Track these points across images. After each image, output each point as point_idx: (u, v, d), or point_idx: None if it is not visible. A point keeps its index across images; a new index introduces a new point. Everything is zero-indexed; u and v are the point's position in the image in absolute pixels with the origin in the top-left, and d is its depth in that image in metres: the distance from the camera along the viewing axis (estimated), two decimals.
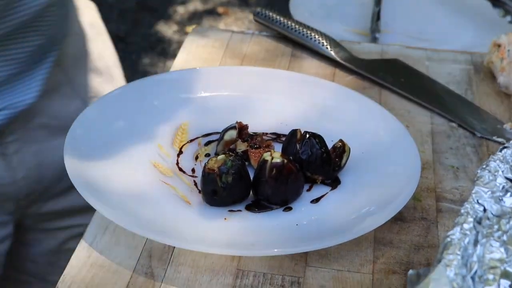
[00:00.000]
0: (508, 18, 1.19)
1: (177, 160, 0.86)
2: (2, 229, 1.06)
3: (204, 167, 0.79)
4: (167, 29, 3.27)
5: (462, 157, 0.91)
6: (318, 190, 0.83)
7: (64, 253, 1.11)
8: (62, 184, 1.08)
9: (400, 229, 0.80)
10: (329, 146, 0.85)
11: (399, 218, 0.81)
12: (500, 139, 0.93)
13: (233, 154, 0.80)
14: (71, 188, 1.06)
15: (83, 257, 0.74)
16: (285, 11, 1.22)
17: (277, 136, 0.91)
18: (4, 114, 0.97)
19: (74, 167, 0.79)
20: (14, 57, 0.97)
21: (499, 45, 1.04)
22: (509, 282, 0.56)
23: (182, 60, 1.07)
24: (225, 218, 0.78)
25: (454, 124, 0.97)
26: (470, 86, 1.05)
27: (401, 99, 1.01)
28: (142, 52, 3.10)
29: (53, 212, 1.12)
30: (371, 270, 0.75)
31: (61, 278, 0.72)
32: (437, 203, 0.84)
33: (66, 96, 1.08)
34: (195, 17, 3.38)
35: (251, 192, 0.81)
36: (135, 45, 3.13)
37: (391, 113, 0.92)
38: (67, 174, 0.77)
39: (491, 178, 0.60)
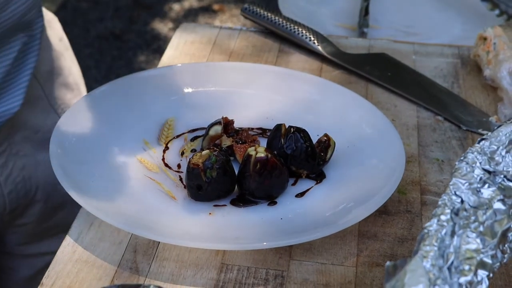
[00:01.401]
0: (496, 11, 1.20)
1: (163, 156, 0.87)
2: None
3: (189, 162, 0.79)
4: (163, 27, 3.27)
5: (448, 150, 0.91)
6: (303, 184, 0.83)
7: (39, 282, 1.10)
8: (49, 200, 1.08)
9: (384, 222, 0.80)
10: (315, 140, 0.85)
11: (383, 211, 0.81)
12: (485, 132, 0.93)
13: (218, 149, 0.81)
14: (56, 207, 1.05)
15: (68, 253, 0.75)
16: (275, 6, 1.23)
17: (263, 131, 0.91)
18: None
19: (59, 162, 0.79)
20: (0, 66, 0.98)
21: (485, 38, 1.04)
22: (486, 273, 0.57)
23: (169, 56, 1.08)
24: (210, 213, 0.78)
25: (440, 118, 0.97)
26: (457, 79, 1.06)
27: (387, 93, 1.02)
28: (138, 49, 3.10)
29: (34, 234, 1.11)
30: (354, 263, 0.75)
31: (46, 273, 0.72)
32: (421, 196, 0.84)
33: (44, 110, 1.08)
34: (191, 14, 3.39)
35: (236, 187, 0.81)
36: (131, 42, 3.13)
37: (376, 107, 0.92)
38: (53, 190, 0.77)
39: (468, 169, 0.60)
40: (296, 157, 0.83)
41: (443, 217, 0.57)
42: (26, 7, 0.97)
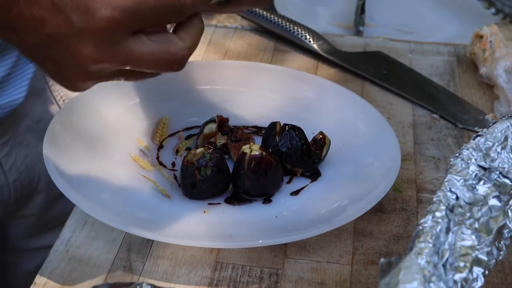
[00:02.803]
0: (493, 10, 1.19)
1: (158, 154, 0.86)
2: None
3: (183, 160, 0.79)
4: None
5: (443, 148, 0.91)
6: (298, 182, 0.83)
7: None
8: (51, 190, 1.08)
9: (380, 220, 0.80)
10: (311, 138, 0.85)
11: (379, 209, 0.81)
12: (482, 130, 0.93)
13: (212, 147, 0.80)
14: (57, 197, 1.04)
15: (61, 252, 0.74)
16: (271, 5, 1.22)
17: (258, 129, 0.91)
18: None
19: (52, 161, 0.79)
20: (7, 57, 0.97)
21: (481, 36, 1.04)
22: (481, 270, 0.56)
23: None
24: (204, 211, 0.78)
25: (436, 116, 0.97)
26: (453, 77, 1.05)
27: (383, 91, 1.02)
28: None
29: (37, 225, 1.11)
30: (350, 261, 0.75)
31: (38, 272, 0.72)
32: (417, 194, 0.84)
33: (46, 101, 1.09)
34: None
35: (230, 185, 0.81)
36: None
37: (372, 105, 0.92)
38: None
39: (463, 166, 0.60)
40: (291, 155, 0.82)
41: (438, 214, 0.56)
42: None
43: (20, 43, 0.63)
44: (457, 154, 0.61)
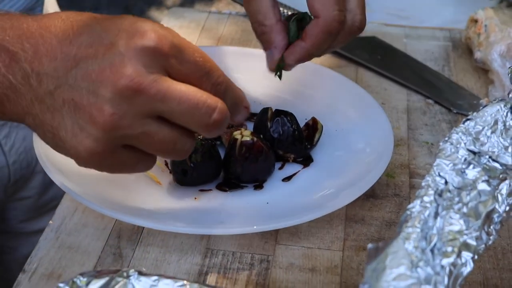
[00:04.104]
0: None
1: None
2: None
3: None
4: (159, 15, 3.25)
5: (437, 133, 0.90)
6: (290, 168, 0.82)
7: None
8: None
9: (372, 206, 0.80)
10: (304, 124, 0.84)
11: (371, 195, 0.80)
12: None
13: None
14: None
15: (51, 239, 0.74)
16: None
17: (250, 115, 0.90)
18: None
19: (42, 148, 0.78)
20: None
21: (476, 21, 1.03)
22: (470, 254, 0.56)
23: None
24: (195, 198, 0.78)
25: (430, 101, 0.96)
26: (448, 62, 1.05)
27: (377, 77, 1.01)
28: None
29: (34, 208, 1.11)
30: (341, 247, 0.74)
31: (28, 260, 0.71)
32: (410, 180, 0.83)
33: None
34: (187, 3, 3.37)
35: (222, 172, 0.80)
36: None
37: (366, 91, 0.91)
38: None
39: (453, 150, 0.59)
40: (283, 141, 0.82)
41: (426, 199, 0.56)
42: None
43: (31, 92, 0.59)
44: (446, 138, 0.60)
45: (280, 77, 0.79)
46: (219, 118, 0.59)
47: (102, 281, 0.55)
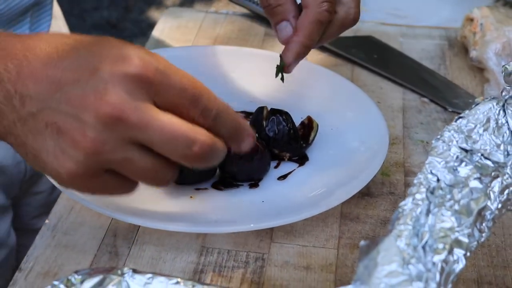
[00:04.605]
0: None
1: None
2: (4, 215, 1.06)
3: None
4: (159, 15, 3.26)
5: (433, 131, 0.91)
6: (286, 167, 0.83)
7: None
8: None
9: (367, 204, 0.80)
10: (300, 122, 0.84)
11: (366, 193, 0.81)
12: None
13: None
14: None
15: (47, 238, 0.74)
16: None
17: (246, 114, 0.90)
18: None
19: None
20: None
21: (472, 20, 1.04)
22: (463, 251, 0.56)
23: (155, 41, 1.07)
24: (191, 196, 0.78)
25: (426, 99, 0.96)
26: (444, 61, 1.05)
27: (373, 76, 1.01)
28: (134, 38, 3.09)
29: (46, 203, 1.12)
30: (336, 245, 0.75)
31: (24, 258, 0.72)
32: (405, 178, 0.83)
33: None
34: (187, 2, 3.37)
35: (217, 170, 0.81)
36: (127, 31, 3.12)
37: (361, 89, 0.92)
38: None
39: (445, 148, 0.60)
40: (278, 140, 0.82)
41: (418, 196, 0.56)
42: None
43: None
44: (438, 136, 0.60)
45: (282, 79, 0.79)
46: (199, 151, 0.57)
47: (96, 279, 0.55)
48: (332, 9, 0.75)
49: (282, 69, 0.78)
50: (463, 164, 0.60)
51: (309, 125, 0.84)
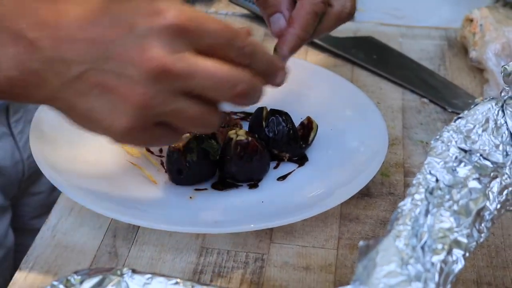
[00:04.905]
0: None
1: None
2: (2, 216, 1.06)
3: (169, 146, 0.79)
4: None
5: (432, 132, 0.91)
6: (285, 167, 0.83)
7: None
8: None
9: (366, 204, 0.80)
10: (300, 123, 0.84)
11: (366, 194, 0.81)
12: None
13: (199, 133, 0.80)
14: None
15: (47, 238, 0.74)
16: None
17: (246, 115, 0.91)
18: None
19: (39, 147, 0.79)
20: None
21: (471, 20, 1.04)
22: (462, 252, 0.56)
23: None
24: (190, 197, 0.78)
25: (425, 100, 0.97)
26: (443, 61, 1.05)
27: (373, 76, 1.01)
28: None
29: (45, 204, 1.12)
30: (336, 245, 0.75)
31: (24, 258, 0.72)
32: (405, 178, 0.83)
33: None
34: (187, 2, 3.37)
35: (217, 171, 0.81)
36: None
37: (361, 90, 0.92)
38: None
39: (444, 148, 0.60)
40: (278, 140, 0.82)
41: (417, 196, 0.56)
42: None
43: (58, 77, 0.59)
44: (437, 137, 0.60)
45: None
46: (243, 90, 0.59)
47: (95, 279, 0.55)
48: (326, 0, 0.76)
49: None
50: (462, 164, 0.60)
51: (308, 126, 0.84)
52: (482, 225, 0.59)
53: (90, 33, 0.57)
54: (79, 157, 0.81)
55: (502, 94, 0.64)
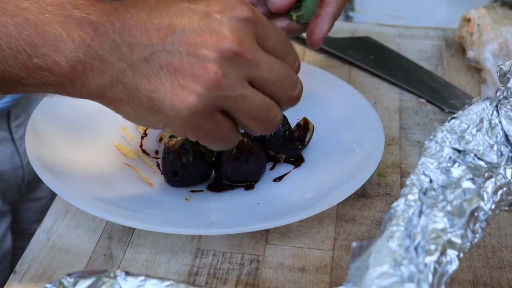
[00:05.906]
0: None
1: (141, 142, 0.86)
2: (1, 220, 1.06)
3: (165, 147, 0.78)
4: None
5: (429, 132, 0.90)
6: (282, 168, 0.83)
7: None
8: None
9: (363, 205, 0.80)
10: (296, 124, 0.84)
11: (362, 195, 0.81)
12: None
13: None
14: None
15: (42, 240, 0.74)
16: None
17: None
18: (11, 95, 0.98)
19: (34, 150, 0.79)
20: None
21: (469, 20, 1.03)
22: (456, 252, 0.56)
23: None
24: (186, 199, 0.78)
25: (422, 100, 0.96)
26: (441, 61, 1.05)
27: (370, 77, 1.01)
28: None
29: (46, 209, 1.13)
30: (332, 246, 0.75)
31: (19, 261, 0.72)
32: (401, 179, 0.83)
33: None
34: None
35: (213, 172, 0.81)
36: None
37: (358, 91, 0.91)
38: None
39: (438, 148, 0.59)
40: (274, 141, 0.82)
41: (410, 197, 0.56)
42: None
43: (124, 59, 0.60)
44: (431, 137, 0.60)
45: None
46: (299, 93, 0.64)
47: (89, 282, 0.55)
48: None
49: None
50: (456, 164, 0.59)
51: (305, 127, 0.84)
52: (477, 225, 0.59)
53: (160, 20, 0.59)
54: (74, 159, 0.81)
55: (497, 93, 0.64)
